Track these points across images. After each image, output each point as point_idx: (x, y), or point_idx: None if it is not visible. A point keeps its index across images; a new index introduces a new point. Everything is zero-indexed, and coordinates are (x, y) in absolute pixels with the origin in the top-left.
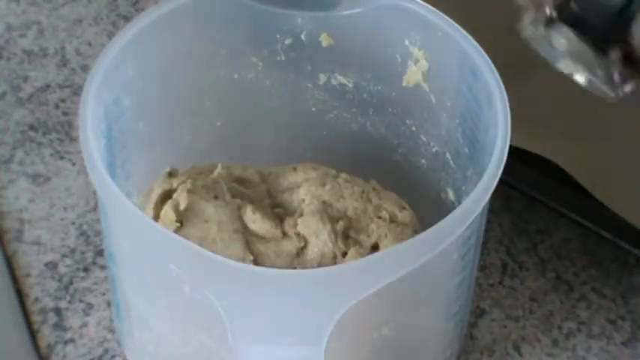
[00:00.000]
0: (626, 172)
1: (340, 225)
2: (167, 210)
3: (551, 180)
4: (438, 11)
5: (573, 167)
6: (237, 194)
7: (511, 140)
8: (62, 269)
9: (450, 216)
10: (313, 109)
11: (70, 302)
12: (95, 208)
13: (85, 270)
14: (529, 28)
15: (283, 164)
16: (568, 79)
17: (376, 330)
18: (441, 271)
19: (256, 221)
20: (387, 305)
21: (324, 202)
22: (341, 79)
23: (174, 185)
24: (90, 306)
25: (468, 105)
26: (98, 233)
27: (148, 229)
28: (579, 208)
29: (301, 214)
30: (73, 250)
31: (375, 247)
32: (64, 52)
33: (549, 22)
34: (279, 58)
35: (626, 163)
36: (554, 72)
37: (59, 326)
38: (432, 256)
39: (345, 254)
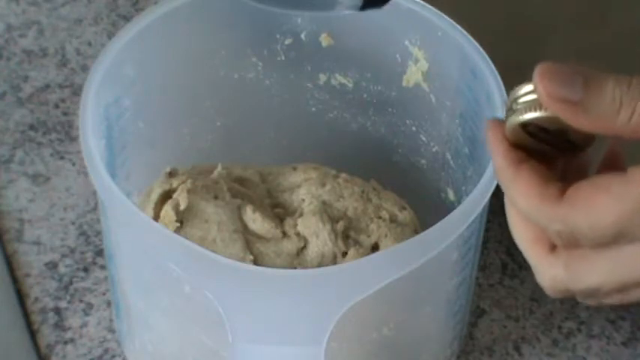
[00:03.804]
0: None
1: (340, 225)
2: (167, 210)
3: None
4: (438, 11)
5: None
6: (237, 194)
7: None
8: (62, 269)
9: (450, 216)
10: (313, 109)
11: (70, 302)
12: (95, 208)
13: (85, 270)
14: None
15: (283, 164)
16: None
17: (376, 330)
18: (441, 271)
19: (256, 221)
20: (387, 305)
21: (324, 202)
22: (341, 79)
23: (174, 185)
24: (90, 306)
25: (468, 105)
26: (98, 233)
27: (147, 229)
28: None
29: (301, 214)
30: (73, 250)
31: (375, 247)
32: (64, 52)
33: None
34: (279, 58)
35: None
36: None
37: (59, 326)
38: (432, 256)
39: (345, 254)
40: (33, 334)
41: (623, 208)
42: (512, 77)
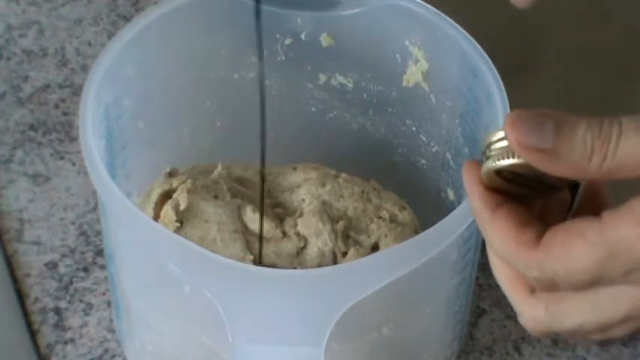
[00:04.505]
0: None
1: (340, 225)
2: (167, 210)
3: None
4: (438, 11)
5: None
6: (237, 194)
7: None
8: (62, 269)
9: (450, 216)
10: (313, 109)
11: (70, 302)
12: (95, 208)
13: (85, 270)
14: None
15: (283, 164)
16: (568, 79)
17: (376, 330)
18: (441, 271)
19: (256, 221)
20: (387, 305)
21: (324, 202)
22: (341, 79)
23: (174, 185)
24: (90, 306)
25: (467, 105)
26: (98, 233)
27: (147, 229)
28: None
29: (301, 214)
30: (73, 250)
31: (375, 247)
32: (64, 52)
33: None
34: (279, 58)
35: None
36: (554, 72)
37: (59, 326)
38: (432, 256)
39: (345, 254)
40: (33, 334)
41: (598, 254)
42: (512, 77)
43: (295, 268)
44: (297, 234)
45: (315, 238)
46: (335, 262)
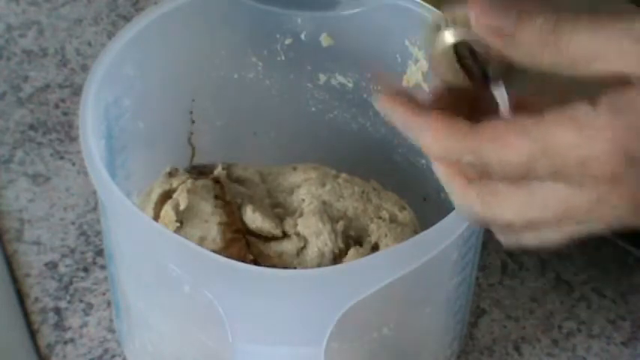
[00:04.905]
0: None
1: (340, 225)
2: (167, 210)
3: None
4: (437, 11)
5: None
6: (237, 194)
7: None
8: (62, 269)
9: (450, 216)
10: (313, 109)
11: (70, 302)
12: (95, 208)
13: (85, 270)
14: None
15: (283, 164)
16: (568, 80)
17: (376, 330)
18: (441, 271)
19: (256, 221)
20: (387, 305)
21: (324, 202)
22: (341, 79)
23: (174, 185)
24: (90, 306)
25: None
26: (98, 233)
27: (147, 229)
28: None
29: (301, 214)
30: (73, 250)
31: (375, 247)
32: (64, 52)
33: None
34: (279, 58)
35: None
36: (554, 72)
37: (59, 326)
38: (432, 256)
39: (345, 254)
40: (33, 334)
41: (533, 148)
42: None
43: (295, 268)
44: (297, 234)
45: (315, 238)
46: (335, 262)
